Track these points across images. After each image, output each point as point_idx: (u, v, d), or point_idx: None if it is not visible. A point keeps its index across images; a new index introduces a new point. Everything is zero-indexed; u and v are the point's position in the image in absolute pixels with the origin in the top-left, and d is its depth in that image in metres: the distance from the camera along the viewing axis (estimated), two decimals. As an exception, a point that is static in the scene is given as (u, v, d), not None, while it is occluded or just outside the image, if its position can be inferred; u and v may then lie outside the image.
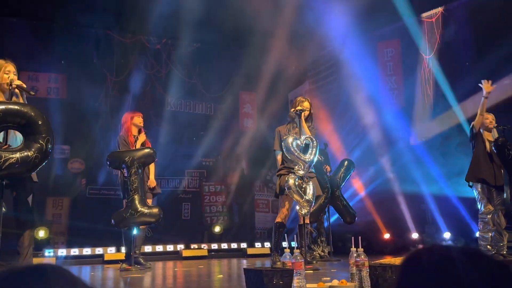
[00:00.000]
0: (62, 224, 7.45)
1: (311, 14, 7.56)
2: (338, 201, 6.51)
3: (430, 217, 7.59)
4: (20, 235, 3.56)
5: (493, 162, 5.07)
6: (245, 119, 9.47)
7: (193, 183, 8.77)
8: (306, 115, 4.88)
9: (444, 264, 0.84)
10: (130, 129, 5.52)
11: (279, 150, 4.95)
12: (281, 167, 4.92)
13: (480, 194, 5.07)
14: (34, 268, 0.80)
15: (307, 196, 4.52)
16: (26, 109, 3.33)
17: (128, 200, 5.00)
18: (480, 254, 0.88)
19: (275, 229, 4.83)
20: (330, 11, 7.36)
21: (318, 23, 7.73)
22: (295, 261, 2.71)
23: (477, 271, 0.82)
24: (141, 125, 5.59)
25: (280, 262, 3.08)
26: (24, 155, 3.26)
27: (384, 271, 2.88)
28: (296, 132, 4.77)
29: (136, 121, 5.56)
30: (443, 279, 0.82)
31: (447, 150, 7.13)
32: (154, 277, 4.77)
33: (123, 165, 5.07)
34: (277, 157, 5.01)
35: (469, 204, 6.34)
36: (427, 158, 7.34)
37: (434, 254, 0.87)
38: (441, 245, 0.92)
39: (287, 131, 4.90)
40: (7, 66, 3.65)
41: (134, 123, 5.55)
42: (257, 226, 8.94)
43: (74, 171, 7.74)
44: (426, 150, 7.40)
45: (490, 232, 5.00)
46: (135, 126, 5.56)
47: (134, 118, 5.57)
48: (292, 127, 4.91)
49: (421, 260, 0.87)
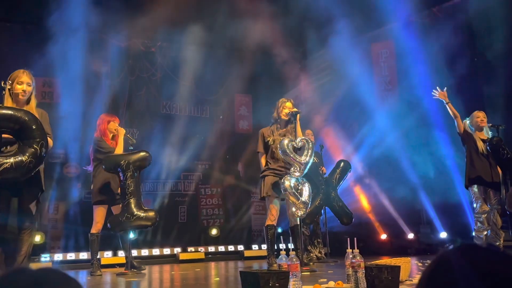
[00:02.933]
0: (58, 229, 7.42)
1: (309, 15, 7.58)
2: (334, 202, 6.52)
3: (425, 218, 7.61)
4: (19, 241, 3.54)
5: (488, 160, 5.08)
6: (241, 121, 9.47)
7: (189, 186, 8.76)
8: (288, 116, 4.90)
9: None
10: (106, 133, 5.47)
11: (263, 152, 4.96)
12: (264, 168, 4.92)
13: (476, 194, 5.08)
14: (45, 272, 0.80)
15: (303, 197, 4.52)
16: (20, 114, 3.32)
17: (124, 204, 4.99)
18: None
19: (267, 232, 4.83)
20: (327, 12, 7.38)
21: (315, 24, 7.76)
22: (291, 263, 2.72)
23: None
24: (115, 132, 5.47)
25: (276, 264, 3.08)
26: (18, 160, 3.24)
27: (380, 272, 2.89)
28: (280, 134, 4.81)
29: (111, 127, 5.49)
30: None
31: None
32: (151, 281, 4.76)
33: (119, 168, 5.05)
34: (261, 159, 5.02)
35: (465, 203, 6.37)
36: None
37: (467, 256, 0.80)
38: (472, 245, 0.85)
39: (271, 133, 4.92)
40: (22, 77, 3.69)
41: (109, 128, 5.49)
42: (254, 229, 8.93)
43: (69, 176, 7.71)
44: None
45: (485, 231, 5.01)
46: (109, 131, 5.50)
47: (110, 123, 5.50)
48: (276, 128, 4.93)
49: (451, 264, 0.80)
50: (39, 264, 6.50)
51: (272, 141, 4.85)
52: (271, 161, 4.88)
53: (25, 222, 3.56)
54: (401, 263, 3.22)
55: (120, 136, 5.42)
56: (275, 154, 4.83)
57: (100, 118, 5.60)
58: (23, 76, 3.71)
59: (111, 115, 5.76)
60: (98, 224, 5.37)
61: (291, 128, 4.89)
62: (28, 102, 3.72)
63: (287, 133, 4.88)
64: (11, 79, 3.69)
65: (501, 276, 0.76)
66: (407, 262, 3.44)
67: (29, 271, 0.80)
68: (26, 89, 3.67)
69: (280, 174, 4.80)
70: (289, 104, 4.94)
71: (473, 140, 5.16)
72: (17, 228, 3.55)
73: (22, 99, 3.67)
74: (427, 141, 7.51)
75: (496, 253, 0.81)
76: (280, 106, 4.95)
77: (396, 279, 2.92)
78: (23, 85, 3.67)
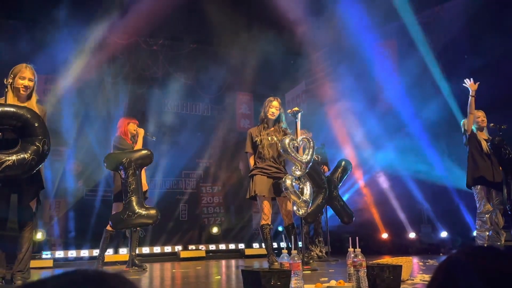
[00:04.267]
0: (60, 226, 7.43)
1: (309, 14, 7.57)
2: (336, 201, 6.52)
3: (426, 217, 7.60)
4: (19, 238, 3.55)
5: (491, 160, 5.07)
6: (242, 120, 9.47)
7: (190, 184, 8.76)
8: (276, 115, 4.87)
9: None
10: (127, 133, 5.58)
11: (251, 152, 4.95)
12: (253, 167, 4.90)
13: (479, 193, 5.07)
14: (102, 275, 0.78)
15: (304, 196, 4.52)
16: (22, 112, 3.32)
17: (126, 202, 4.99)
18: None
19: (263, 232, 4.81)
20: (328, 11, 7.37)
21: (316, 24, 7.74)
22: (292, 262, 2.71)
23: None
24: (135, 132, 5.64)
25: (278, 263, 3.08)
26: (21, 158, 3.25)
27: (382, 271, 2.89)
28: (268, 133, 4.81)
29: (131, 128, 5.63)
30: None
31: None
32: (152, 278, 4.76)
33: (120, 166, 5.05)
34: (249, 159, 5.00)
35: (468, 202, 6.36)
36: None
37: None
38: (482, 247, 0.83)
39: (258, 133, 4.91)
40: (24, 72, 3.67)
41: (129, 129, 5.62)
42: (255, 227, 8.93)
43: (71, 173, 7.72)
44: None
45: (488, 231, 5.00)
46: (129, 132, 5.62)
47: (130, 124, 5.65)
48: (263, 128, 4.91)
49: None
50: (40, 261, 6.50)
51: (259, 141, 4.83)
52: (259, 161, 4.86)
53: (25, 219, 3.56)
54: (403, 263, 3.23)
55: (140, 135, 5.59)
56: (262, 154, 4.81)
57: (120, 121, 5.77)
58: (25, 71, 3.67)
59: (130, 118, 5.92)
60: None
61: (279, 127, 4.88)
62: (29, 97, 3.70)
63: (275, 132, 4.86)
64: (13, 73, 3.65)
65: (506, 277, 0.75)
66: (408, 262, 3.44)
67: (83, 271, 0.78)
68: (28, 84, 3.64)
69: (268, 173, 4.78)
70: (275, 103, 4.90)
71: (478, 140, 5.15)
72: (17, 225, 3.55)
73: (23, 94, 3.64)
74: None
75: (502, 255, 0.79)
76: (266, 106, 4.92)
77: (397, 278, 2.92)
78: (25, 80, 3.65)
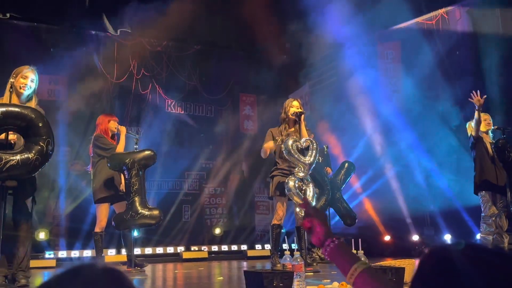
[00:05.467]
0: (63, 226, 7.44)
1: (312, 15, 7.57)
2: (339, 203, 6.51)
3: (429, 219, 7.57)
4: (17, 237, 3.55)
5: (495, 163, 5.07)
6: (246, 121, 9.47)
7: (194, 185, 8.76)
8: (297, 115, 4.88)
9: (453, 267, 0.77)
10: (107, 131, 5.47)
11: (272, 140, 4.90)
12: (273, 168, 4.93)
13: (484, 197, 5.06)
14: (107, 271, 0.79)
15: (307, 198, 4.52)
16: (27, 112, 3.34)
17: (129, 202, 5.00)
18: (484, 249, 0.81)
19: (272, 231, 4.84)
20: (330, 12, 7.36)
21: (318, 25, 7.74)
22: (295, 263, 2.71)
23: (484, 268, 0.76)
24: (116, 130, 5.46)
25: (280, 264, 3.08)
26: (25, 157, 3.26)
27: (384, 273, 2.88)
28: (288, 134, 4.80)
29: (111, 125, 5.47)
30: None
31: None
32: (154, 279, 4.77)
33: (124, 167, 5.06)
34: (268, 142, 4.92)
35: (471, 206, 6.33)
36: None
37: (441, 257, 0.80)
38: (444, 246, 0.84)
39: (279, 133, 4.92)
40: (27, 72, 3.73)
41: (109, 126, 5.46)
42: (257, 228, 8.93)
43: (75, 173, 7.73)
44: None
45: (492, 234, 4.99)
46: (109, 130, 5.48)
47: (111, 122, 5.48)
48: (284, 128, 4.92)
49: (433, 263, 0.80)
50: (43, 261, 6.51)
51: (280, 141, 4.84)
52: (280, 161, 4.89)
53: (21, 219, 3.57)
54: (406, 265, 3.22)
55: (122, 134, 5.41)
56: (284, 154, 4.83)
57: (99, 118, 5.59)
58: (28, 72, 3.74)
59: (110, 115, 5.77)
60: (101, 222, 5.36)
61: (298, 128, 4.88)
62: (30, 99, 3.73)
63: (295, 132, 4.87)
64: (15, 73, 3.71)
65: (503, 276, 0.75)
66: (411, 264, 3.43)
67: (90, 266, 0.80)
68: (28, 84, 3.69)
69: (288, 174, 4.80)
70: (296, 103, 4.94)
71: (484, 143, 5.13)
72: (12, 225, 3.56)
73: (22, 93, 3.68)
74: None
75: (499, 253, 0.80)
76: (287, 106, 4.95)
77: (400, 281, 2.91)
78: (27, 80, 3.71)
